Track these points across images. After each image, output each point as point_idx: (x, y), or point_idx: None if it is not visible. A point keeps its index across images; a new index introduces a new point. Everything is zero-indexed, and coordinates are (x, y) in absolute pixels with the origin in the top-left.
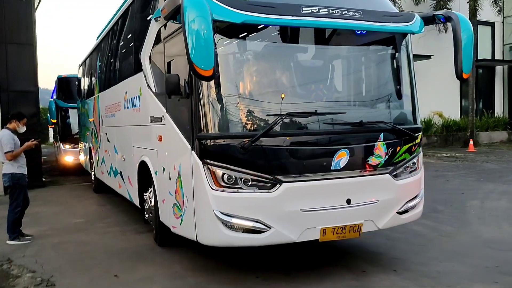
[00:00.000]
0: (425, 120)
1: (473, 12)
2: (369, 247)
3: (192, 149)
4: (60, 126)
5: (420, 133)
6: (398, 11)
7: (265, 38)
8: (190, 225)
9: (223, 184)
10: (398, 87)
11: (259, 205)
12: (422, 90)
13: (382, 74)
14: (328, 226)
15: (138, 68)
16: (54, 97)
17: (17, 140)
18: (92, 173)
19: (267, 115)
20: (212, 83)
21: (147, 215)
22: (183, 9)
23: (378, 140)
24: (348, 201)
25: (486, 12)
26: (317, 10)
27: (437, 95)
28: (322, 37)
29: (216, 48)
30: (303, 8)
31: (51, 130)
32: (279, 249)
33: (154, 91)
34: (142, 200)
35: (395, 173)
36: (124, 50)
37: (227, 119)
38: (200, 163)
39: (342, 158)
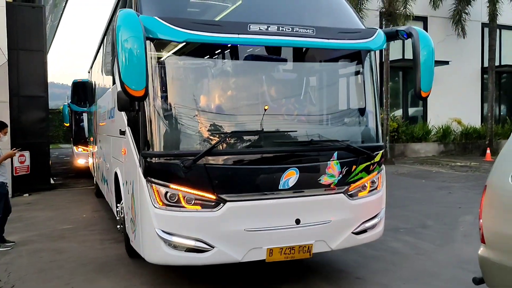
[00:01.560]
0: (443, 127)
1: (491, 17)
2: (337, 265)
3: (139, 166)
4: (73, 130)
5: (380, 151)
6: (359, 27)
7: (212, 56)
8: (139, 241)
9: (166, 202)
10: (358, 104)
11: (201, 224)
12: (440, 97)
13: (341, 91)
14: (275, 247)
15: (114, 79)
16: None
17: None
18: (95, 177)
19: (212, 133)
20: (158, 100)
21: (118, 226)
22: (116, 28)
23: (332, 159)
24: (297, 221)
25: (511, 16)
26: (266, 28)
27: (456, 102)
28: (275, 54)
29: (160, 66)
30: (251, 26)
31: None
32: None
33: None
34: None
35: (350, 192)
36: (109, 60)
37: (171, 137)
38: (144, 180)
39: (291, 177)
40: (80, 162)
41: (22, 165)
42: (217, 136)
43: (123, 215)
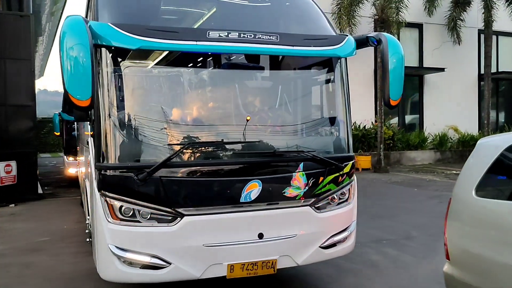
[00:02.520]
0: (440, 134)
1: (487, 23)
2: (310, 279)
3: (94, 179)
4: (64, 139)
5: (350, 162)
6: (328, 34)
7: (169, 63)
8: (95, 257)
9: (120, 217)
10: (327, 113)
11: (157, 240)
12: (436, 104)
13: (309, 100)
14: (236, 262)
15: None
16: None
17: None
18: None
19: (169, 144)
20: (111, 110)
21: (88, 239)
22: (60, 35)
23: (297, 170)
24: (260, 236)
25: (508, 22)
26: (226, 34)
27: (453, 109)
28: (239, 60)
29: (113, 74)
30: (210, 33)
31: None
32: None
33: None
34: None
35: (317, 205)
36: None
37: (125, 148)
38: (98, 194)
39: (253, 189)
40: (71, 171)
41: (9, 175)
42: (173, 147)
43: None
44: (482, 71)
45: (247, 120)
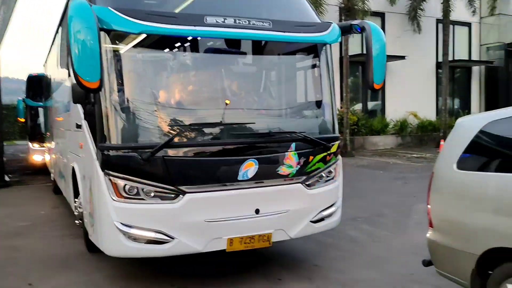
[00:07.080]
0: (400, 120)
1: (445, 13)
2: (296, 253)
3: (96, 159)
4: (29, 125)
5: (337, 142)
6: (314, 21)
7: (170, 47)
8: (97, 235)
9: (124, 195)
10: (314, 97)
11: (161, 216)
12: (396, 91)
13: (297, 83)
14: (235, 236)
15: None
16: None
17: None
18: (52, 173)
19: (171, 126)
20: (115, 93)
21: (77, 221)
22: (67, 19)
23: (289, 150)
24: (257, 211)
25: (464, 12)
26: (223, 20)
27: (413, 96)
28: (233, 46)
29: (116, 58)
30: (207, 18)
31: None
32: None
33: None
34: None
35: (308, 182)
36: (64, 52)
37: (128, 129)
38: (102, 173)
39: (250, 168)
40: (37, 158)
41: None
42: (175, 128)
43: (81, 209)
44: (440, 59)
45: (226, 104)
